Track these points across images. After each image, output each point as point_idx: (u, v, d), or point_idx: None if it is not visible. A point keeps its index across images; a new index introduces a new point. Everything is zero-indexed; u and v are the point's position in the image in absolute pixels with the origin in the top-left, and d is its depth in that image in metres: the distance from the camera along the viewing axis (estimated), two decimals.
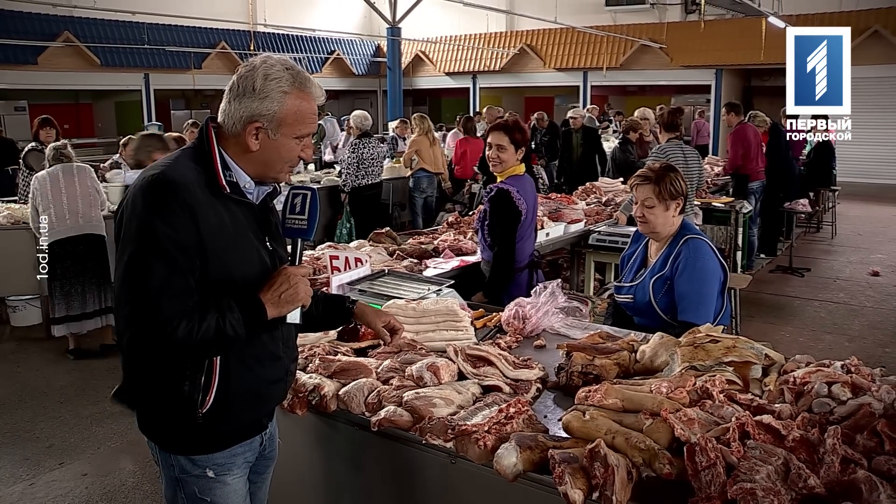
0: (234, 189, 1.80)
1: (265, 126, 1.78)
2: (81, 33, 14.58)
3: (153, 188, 1.69)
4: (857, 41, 15.16)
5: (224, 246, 1.74)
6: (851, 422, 1.82)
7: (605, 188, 7.46)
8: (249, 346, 1.82)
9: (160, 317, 1.64)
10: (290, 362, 2.05)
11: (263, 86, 1.77)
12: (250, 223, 1.85)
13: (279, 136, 1.80)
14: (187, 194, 1.69)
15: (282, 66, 1.80)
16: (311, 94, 1.84)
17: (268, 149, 1.81)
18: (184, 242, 1.67)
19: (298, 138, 1.83)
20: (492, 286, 3.91)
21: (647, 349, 2.43)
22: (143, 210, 1.67)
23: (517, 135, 3.82)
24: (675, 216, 3.05)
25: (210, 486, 1.90)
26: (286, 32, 18.69)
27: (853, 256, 9.44)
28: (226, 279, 1.75)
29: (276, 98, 1.77)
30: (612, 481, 1.66)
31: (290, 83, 1.79)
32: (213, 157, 1.79)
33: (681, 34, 18.01)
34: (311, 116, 1.84)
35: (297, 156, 1.86)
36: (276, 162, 1.84)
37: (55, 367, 5.77)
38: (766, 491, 1.55)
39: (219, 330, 1.69)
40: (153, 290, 1.64)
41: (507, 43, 20.74)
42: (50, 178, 5.71)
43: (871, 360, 5.55)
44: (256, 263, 1.83)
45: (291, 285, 1.79)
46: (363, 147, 8.11)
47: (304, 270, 1.84)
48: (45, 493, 3.95)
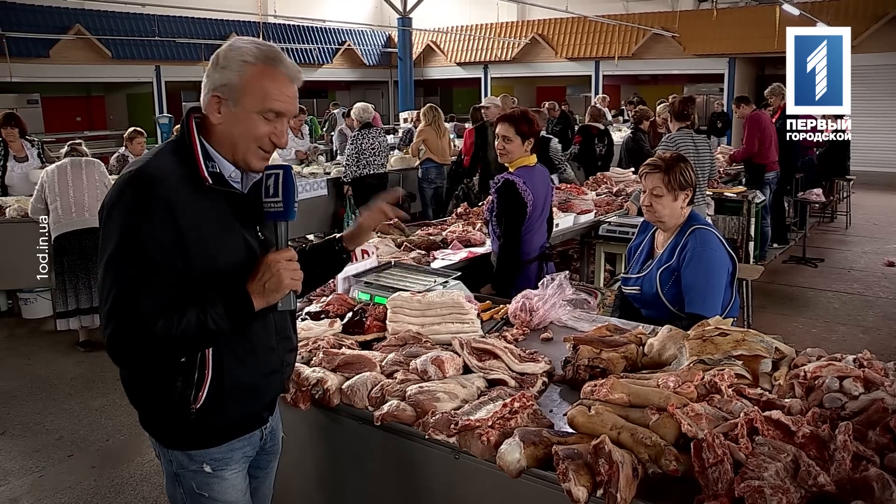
0: (217, 180, 1.76)
1: (225, 96, 1.73)
2: (93, 26, 14.62)
3: (130, 186, 1.67)
4: (873, 28, 15.00)
5: (207, 239, 1.71)
6: (863, 417, 1.77)
7: (615, 178, 7.41)
8: (241, 339, 1.80)
9: (137, 314, 1.62)
10: (286, 353, 2.01)
11: (226, 55, 1.73)
12: (238, 213, 1.80)
13: (239, 108, 1.73)
14: (164, 190, 1.66)
15: (252, 42, 1.75)
16: (279, 71, 1.75)
17: (230, 122, 1.74)
18: (161, 239, 1.64)
19: (263, 115, 1.74)
20: (499, 278, 3.89)
21: (655, 342, 2.39)
22: (121, 208, 1.66)
23: (524, 126, 3.82)
24: (684, 207, 3.00)
25: (208, 481, 1.88)
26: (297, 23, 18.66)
27: (868, 247, 9.33)
28: (212, 272, 1.72)
29: (235, 67, 1.71)
30: (617, 478, 1.62)
31: (253, 55, 1.72)
32: (193, 149, 1.75)
33: (693, 22, 17.82)
34: (277, 93, 1.74)
35: (266, 137, 1.76)
36: (240, 139, 1.75)
37: (65, 359, 5.81)
38: (774, 489, 1.51)
39: (200, 325, 1.66)
40: (130, 288, 1.63)
41: (519, 33, 20.62)
42: (58, 171, 5.74)
43: (886, 351, 5.50)
44: (244, 254, 1.78)
45: (273, 273, 1.72)
46: (363, 138, 8.27)
47: (287, 255, 1.75)
48: (55, 485, 3.96)
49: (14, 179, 7.08)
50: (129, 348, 1.67)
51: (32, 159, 7.17)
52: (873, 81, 14.82)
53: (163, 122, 15.16)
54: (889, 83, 15.47)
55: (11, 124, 7.06)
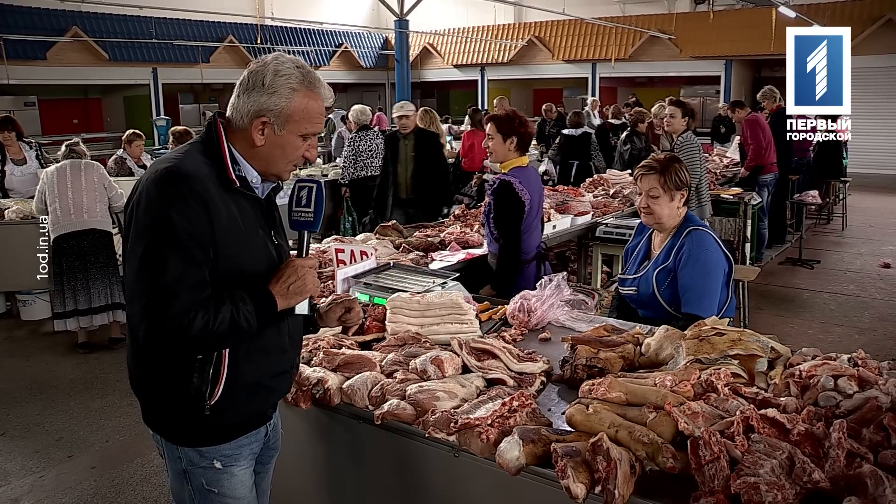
0: (242, 184, 1.82)
1: (271, 121, 1.79)
2: (90, 28, 14.62)
3: (167, 180, 1.70)
4: (869, 30, 15.04)
5: (234, 240, 1.76)
6: (858, 416, 1.80)
7: (612, 180, 7.43)
8: (257, 339, 1.84)
9: (177, 309, 1.65)
10: (296, 355, 2.08)
11: (273, 81, 1.78)
12: (258, 217, 1.86)
13: (284, 132, 1.81)
14: (201, 187, 1.70)
15: (293, 64, 1.82)
16: (320, 95, 1.85)
17: (272, 145, 1.82)
18: (199, 234, 1.68)
19: (304, 137, 1.84)
20: (499, 278, 3.90)
21: (653, 342, 2.41)
22: (158, 202, 1.68)
23: (505, 125, 3.88)
24: (680, 207, 3.03)
25: (218, 477, 1.91)
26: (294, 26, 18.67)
27: (864, 248, 9.36)
28: (235, 272, 1.77)
29: (284, 94, 1.78)
30: (615, 475, 1.64)
31: (299, 81, 1.80)
32: (222, 152, 1.80)
33: (690, 25, 17.89)
34: (317, 116, 1.85)
35: (302, 155, 1.87)
36: (279, 159, 1.85)
37: (64, 360, 5.80)
38: (770, 485, 1.54)
39: (233, 322, 1.70)
40: (170, 283, 1.65)
41: (515, 35, 20.65)
42: (58, 172, 5.75)
43: (882, 352, 5.52)
44: (264, 257, 1.85)
45: (299, 277, 1.81)
46: (360, 140, 8.31)
47: (311, 262, 1.87)
48: (55, 486, 3.97)
49: (13, 182, 7.08)
50: (166, 343, 1.69)
51: (31, 161, 7.17)
52: (869, 83, 14.86)
53: (160, 124, 15.15)
54: (885, 85, 15.54)
55: (8, 128, 7.06)
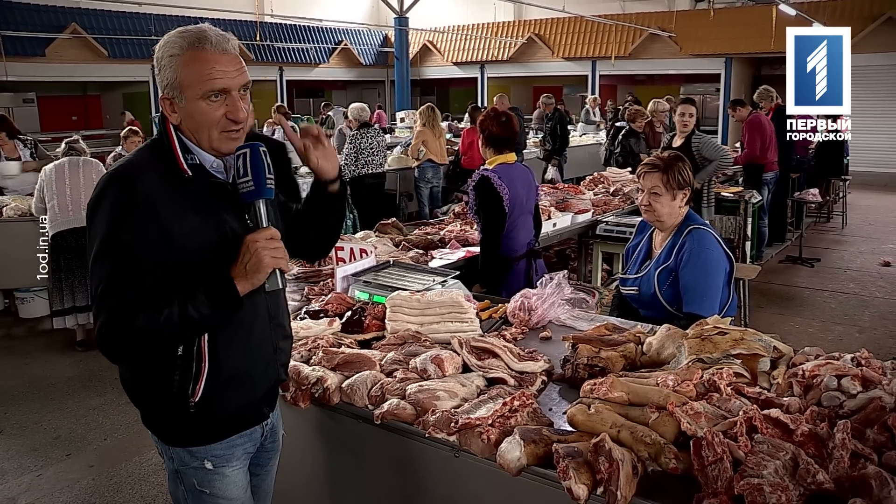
0: (198, 172, 1.77)
1: (171, 95, 1.74)
2: (89, 25, 14.61)
3: (109, 186, 1.71)
4: (870, 28, 15.02)
5: (190, 230, 1.72)
6: (861, 416, 1.78)
7: (612, 178, 7.41)
8: (235, 327, 1.81)
9: (120, 308, 1.66)
10: (280, 339, 2.01)
11: (161, 57, 1.74)
12: (223, 203, 1.80)
13: (185, 102, 1.73)
14: (144, 186, 1.69)
15: (177, 34, 1.73)
16: (206, 50, 1.70)
17: (186, 118, 1.75)
18: (144, 235, 1.67)
19: (208, 99, 1.72)
20: (484, 273, 3.95)
21: (654, 341, 2.39)
22: (101, 208, 1.69)
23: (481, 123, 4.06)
24: (682, 206, 3.01)
25: (209, 477, 1.89)
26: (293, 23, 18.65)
27: (864, 247, 9.36)
28: (199, 262, 1.73)
29: (170, 65, 1.72)
30: (617, 476, 1.63)
31: (179, 46, 1.71)
32: (171, 144, 1.77)
33: (690, 22, 17.86)
34: (210, 72, 1.70)
35: (222, 117, 1.74)
36: (201, 130, 1.75)
37: (63, 358, 5.80)
38: (773, 486, 1.52)
39: (182, 315, 1.68)
40: (112, 285, 1.67)
41: (515, 32, 20.63)
42: (56, 170, 5.73)
43: (882, 351, 5.52)
44: (230, 243, 1.76)
45: (252, 253, 1.70)
46: (361, 138, 8.29)
47: (266, 234, 1.73)
48: (53, 484, 3.96)
49: (7, 182, 7.06)
50: (115, 343, 1.70)
51: (26, 160, 7.15)
52: (869, 82, 14.83)
53: None
54: (885, 83, 15.51)
55: None
